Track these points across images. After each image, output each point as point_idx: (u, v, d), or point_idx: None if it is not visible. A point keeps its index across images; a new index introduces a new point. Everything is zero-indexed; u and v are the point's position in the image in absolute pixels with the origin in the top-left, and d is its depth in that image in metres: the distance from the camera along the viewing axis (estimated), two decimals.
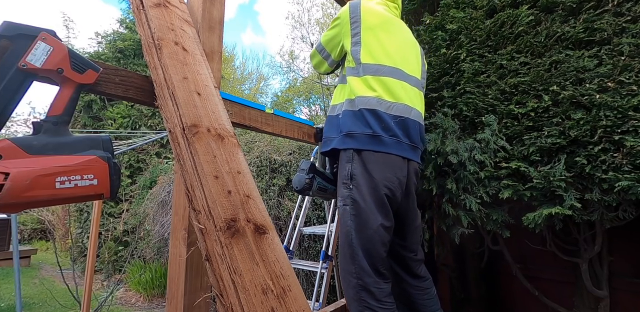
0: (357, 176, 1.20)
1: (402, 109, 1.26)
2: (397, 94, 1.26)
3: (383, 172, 1.20)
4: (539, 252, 1.81)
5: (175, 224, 0.98)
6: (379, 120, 1.22)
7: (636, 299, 1.65)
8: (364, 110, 1.22)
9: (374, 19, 1.32)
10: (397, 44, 1.34)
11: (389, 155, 1.22)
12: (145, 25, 0.93)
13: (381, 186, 1.19)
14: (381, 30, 1.32)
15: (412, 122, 1.28)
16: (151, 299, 4.32)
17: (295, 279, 0.73)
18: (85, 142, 0.75)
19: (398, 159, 1.23)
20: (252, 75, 14.30)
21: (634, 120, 1.16)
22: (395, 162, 1.23)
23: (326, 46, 1.45)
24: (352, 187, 1.21)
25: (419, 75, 1.41)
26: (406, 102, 1.28)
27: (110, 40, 6.39)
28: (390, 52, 1.30)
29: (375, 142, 1.21)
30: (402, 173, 1.24)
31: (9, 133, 7.79)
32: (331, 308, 1.82)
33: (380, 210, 1.19)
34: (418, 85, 1.38)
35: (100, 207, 2.99)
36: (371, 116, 1.22)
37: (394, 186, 1.21)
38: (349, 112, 1.26)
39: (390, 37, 1.33)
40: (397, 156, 1.23)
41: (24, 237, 8.84)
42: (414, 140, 1.29)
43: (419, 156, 1.35)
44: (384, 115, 1.22)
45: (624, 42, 1.23)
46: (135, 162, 5.93)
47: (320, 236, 2.94)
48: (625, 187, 1.14)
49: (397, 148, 1.23)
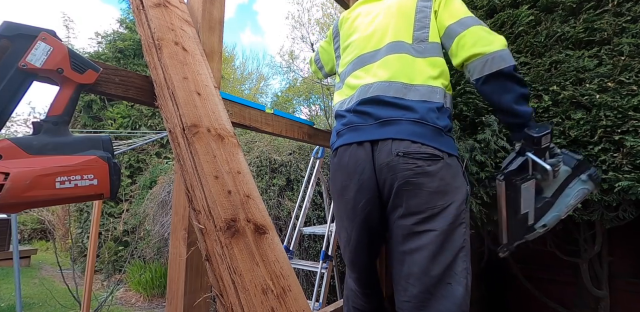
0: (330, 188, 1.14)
1: (361, 92, 1.04)
2: (355, 84, 1.08)
3: (339, 180, 1.02)
4: (539, 252, 1.81)
5: (175, 224, 0.98)
6: (340, 118, 1.09)
7: (636, 299, 1.65)
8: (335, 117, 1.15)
9: (346, 27, 1.27)
10: (364, 28, 1.16)
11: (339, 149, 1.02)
12: (145, 25, 0.93)
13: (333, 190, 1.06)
14: (350, 31, 1.22)
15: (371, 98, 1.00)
16: (151, 299, 4.32)
17: (295, 279, 0.73)
18: (85, 142, 0.75)
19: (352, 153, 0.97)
20: (252, 75, 14.31)
21: (634, 120, 1.16)
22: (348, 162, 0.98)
23: (321, 58, 1.45)
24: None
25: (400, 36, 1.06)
26: (367, 81, 1.04)
27: (110, 40, 6.39)
28: (355, 45, 1.15)
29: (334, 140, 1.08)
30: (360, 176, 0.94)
31: (9, 133, 7.80)
32: (331, 308, 1.82)
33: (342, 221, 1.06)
34: (394, 50, 1.05)
35: (100, 207, 2.99)
36: (337, 119, 1.12)
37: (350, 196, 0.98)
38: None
39: (358, 28, 1.19)
40: (350, 144, 0.97)
41: (24, 237, 8.85)
42: (384, 115, 0.95)
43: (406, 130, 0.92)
44: (342, 112, 1.08)
45: (624, 42, 1.23)
46: (135, 162, 5.93)
47: (320, 236, 2.94)
48: (625, 187, 1.14)
49: (351, 135, 0.99)
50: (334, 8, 10.33)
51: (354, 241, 1.03)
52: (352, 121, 1.01)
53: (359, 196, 0.96)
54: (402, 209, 0.91)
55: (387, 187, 0.93)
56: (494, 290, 2.29)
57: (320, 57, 1.46)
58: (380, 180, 0.94)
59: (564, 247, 1.68)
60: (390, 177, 0.91)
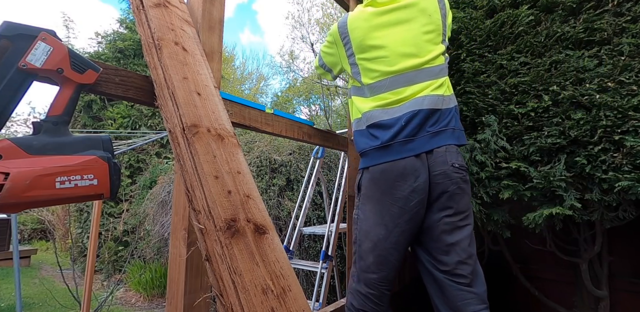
0: (363, 186, 1.19)
1: (410, 106, 1.16)
2: (402, 98, 1.18)
3: (387, 182, 1.13)
4: (539, 252, 1.81)
5: (175, 224, 0.98)
6: (385, 128, 1.16)
7: (636, 299, 1.65)
8: (370, 125, 1.20)
9: (360, 33, 1.24)
10: (394, 39, 1.21)
11: (395, 162, 1.13)
12: (145, 25, 0.93)
13: (375, 189, 1.15)
14: (371, 40, 1.22)
15: (426, 111, 1.15)
16: (151, 299, 4.32)
17: (295, 279, 0.73)
18: (85, 142, 0.75)
19: (409, 162, 1.12)
20: (252, 75, 14.31)
21: (634, 120, 1.16)
22: (405, 168, 1.12)
23: (326, 63, 1.44)
24: (360, 198, 1.20)
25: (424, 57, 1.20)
26: (415, 95, 1.17)
27: (110, 40, 6.39)
28: (389, 58, 1.20)
29: (383, 153, 1.15)
30: (417, 179, 1.11)
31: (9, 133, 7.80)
32: (331, 308, 1.82)
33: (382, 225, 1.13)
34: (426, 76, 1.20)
35: (100, 207, 2.99)
36: (377, 128, 1.18)
37: (403, 195, 1.11)
38: (358, 132, 1.25)
39: (384, 38, 1.22)
40: (408, 157, 1.12)
41: (24, 237, 8.85)
42: (435, 126, 1.15)
43: (450, 137, 1.16)
44: (388, 122, 1.16)
45: (624, 42, 1.23)
46: (135, 162, 5.93)
47: (320, 236, 2.94)
48: (625, 187, 1.14)
49: (407, 149, 1.13)
50: (334, 8, 10.33)
51: (394, 237, 1.12)
52: (406, 134, 1.13)
53: (414, 195, 1.11)
54: (452, 209, 1.12)
55: (438, 191, 1.12)
56: (493, 290, 2.29)
57: (325, 63, 1.45)
58: (432, 184, 1.12)
59: (564, 247, 1.68)
60: (446, 182, 1.12)
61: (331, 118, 8.37)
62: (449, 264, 1.10)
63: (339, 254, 3.09)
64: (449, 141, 1.16)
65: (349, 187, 1.99)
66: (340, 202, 2.34)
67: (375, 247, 1.14)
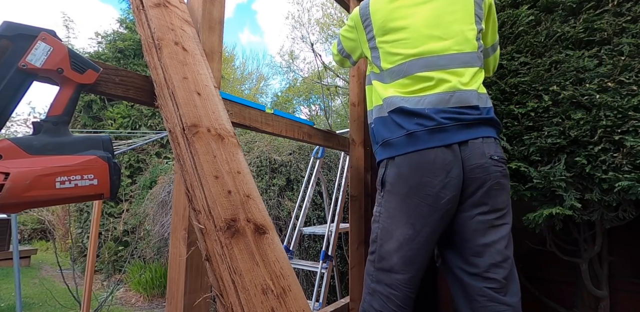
0: (388, 182, 1.08)
1: (433, 102, 1.05)
2: (424, 87, 1.07)
3: (416, 177, 1.01)
4: (539, 252, 1.81)
5: (175, 224, 0.98)
6: (411, 115, 1.03)
7: (636, 299, 1.65)
8: (393, 111, 1.08)
9: (381, 14, 1.16)
10: (417, 19, 1.11)
11: (424, 151, 1.00)
12: (145, 25, 0.93)
13: (415, 194, 1.02)
14: (393, 21, 1.13)
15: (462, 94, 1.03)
16: (151, 299, 4.32)
17: (295, 279, 0.73)
18: (85, 142, 0.75)
19: (439, 153, 1.00)
20: (252, 75, 14.31)
21: (634, 120, 1.16)
22: (435, 161, 0.99)
23: (345, 48, 1.36)
24: (382, 194, 1.09)
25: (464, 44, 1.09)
26: (438, 90, 1.06)
27: (110, 40, 6.39)
28: (410, 39, 1.10)
29: (410, 141, 1.03)
30: (448, 173, 0.99)
31: (9, 133, 7.80)
32: (331, 308, 1.82)
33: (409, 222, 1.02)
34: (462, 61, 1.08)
35: (100, 207, 2.99)
36: (401, 114, 1.05)
37: (433, 191, 1.00)
38: (379, 120, 1.14)
39: (406, 19, 1.12)
40: (438, 147, 1.00)
41: (24, 237, 8.84)
42: (468, 116, 1.02)
43: (487, 128, 1.05)
44: (416, 109, 1.03)
45: (624, 42, 1.23)
46: (135, 162, 5.93)
47: (320, 236, 2.94)
48: (625, 187, 1.14)
49: (436, 138, 1.00)
50: (334, 8, 10.33)
51: (422, 237, 1.02)
52: (437, 121, 1.01)
53: (445, 192, 1.00)
54: (487, 206, 1.01)
55: (474, 186, 1.01)
56: None
57: (344, 48, 1.37)
58: (467, 179, 1.01)
59: (564, 247, 1.68)
60: (483, 177, 1.01)
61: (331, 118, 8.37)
62: (481, 267, 0.99)
63: (339, 254, 3.09)
64: (486, 133, 1.04)
65: (350, 187, 1.99)
66: (340, 202, 2.34)
67: (400, 247, 1.03)
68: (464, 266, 1.04)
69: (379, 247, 1.08)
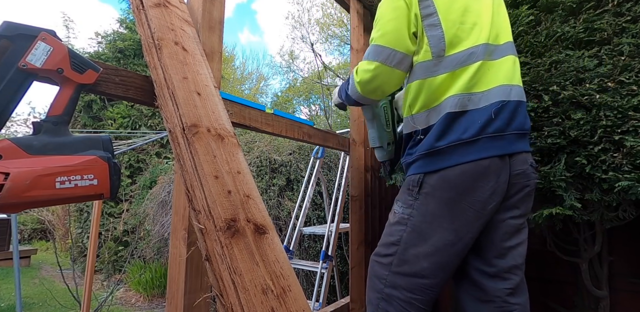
0: (428, 184, 0.99)
1: (497, 94, 0.97)
2: (487, 79, 0.98)
3: (466, 183, 0.96)
4: (539, 252, 1.81)
5: (175, 224, 0.98)
6: (470, 119, 0.96)
7: (636, 299, 1.65)
8: (448, 115, 0.97)
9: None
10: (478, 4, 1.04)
11: (480, 162, 0.95)
12: (145, 25, 0.93)
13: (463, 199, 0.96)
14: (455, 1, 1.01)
15: (514, 104, 0.99)
16: (151, 299, 4.32)
17: (295, 279, 0.73)
18: (85, 142, 0.75)
19: (494, 161, 0.95)
20: (252, 75, 14.31)
21: (634, 120, 1.16)
22: (488, 168, 0.95)
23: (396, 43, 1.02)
24: (417, 196, 1.01)
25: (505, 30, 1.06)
26: (500, 82, 0.99)
27: (110, 40, 6.39)
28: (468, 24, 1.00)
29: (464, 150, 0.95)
30: (499, 179, 0.96)
31: (9, 133, 7.80)
32: (331, 308, 1.82)
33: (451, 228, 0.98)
34: (509, 50, 1.05)
35: (100, 207, 2.99)
36: (459, 119, 0.96)
37: (483, 197, 0.96)
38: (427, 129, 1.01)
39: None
40: (492, 157, 0.95)
41: (24, 237, 8.85)
42: (519, 125, 0.99)
43: (527, 142, 1.04)
44: (474, 112, 0.96)
45: (624, 42, 1.23)
46: (135, 162, 5.93)
47: (320, 236, 2.94)
48: (625, 187, 1.14)
49: (495, 146, 0.95)
50: (334, 8, 10.33)
51: (463, 243, 0.98)
52: (495, 129, 0.95)
53: (494, 198, 0.97)
54: (519, 210, 1.03)
55: (513, 191, 1.01)
56: None
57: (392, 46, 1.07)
58: (510, 185, 1.00)
59: (563, 247, 1.68)
60: (523, 182, 1.02)
61: (331, 118, 8.37)
62: (502, 268, 1.00)
63: (339, 254, 3.09)
64: (527, 147, 1.04)
65: (351, 187, 1.99)
66: (340, 202, 2.34)
67: (436, 252, 0.98)
68: (483, 267, 1.02)
69: (402, 251, 1.02)
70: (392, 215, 1.09)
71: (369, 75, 1.06)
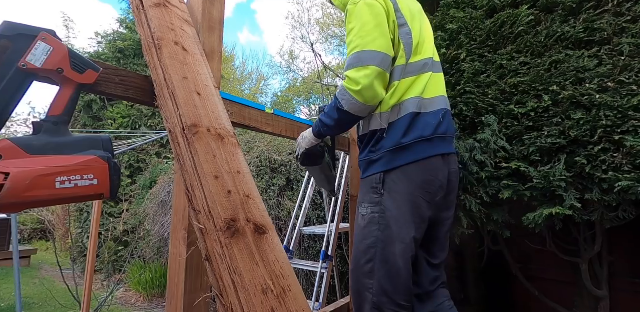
0: (390, 180, 1.06)
1: (440, 102, 1.14)
2: (434, 88, 1.14)
3: (422, 176, 1.06)
4: (539, 252, 1.81)
5: (175, 224, 0.98)
6: (429, 120, 1.09)
7: (636, 299, 1.65)
8: (414, 114, 1.07)
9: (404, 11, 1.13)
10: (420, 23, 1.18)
11: (432, 158, 1.07)
12: (145, 25, 0.93)
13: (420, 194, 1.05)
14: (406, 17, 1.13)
15: (449, 112, 1.19)
16: (151, 299, 4.32)
17: (295, 279, 0.73)
18: (85, 142, 0.75)
19: (438, 159, 1.09)
20: (252, 75, 14.31)
21: (634, 120, 1.16)
22: (436, 164, 1.08)
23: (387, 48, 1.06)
24: (382, 192, 1.06)
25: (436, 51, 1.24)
26: (440, 93, 1.16)
27: (110, 40, 6.39)
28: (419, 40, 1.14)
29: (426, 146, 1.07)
30: (443, 174, 1.10)
31: (9, 133, 7.80)
32: (331, 308, 1.82)
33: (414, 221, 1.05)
34: (440, 67, 1.24)
35: (100, 207, 2.98)
36: (422, 118, 1.08)
37: (433, 189, 1.07)
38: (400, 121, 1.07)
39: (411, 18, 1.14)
40: (442, 155, 1.10)
41: (24, 237, 8.84)
42: (453, 130, 1.18)
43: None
44: (427, 117, 1.09)
45: (624, 42, 1.23)
46: (135, 162, 5.92)
47: (320, 236, 2.94)
48: (625, 187, 1.14)
49: (444, 146, 1.11)
50: (333, 8, 10.31)
51: (421, 234, 1.09)
52: (439, 132, 1.10)
53: (440, 191, 1.11)
54: (454, 207, 1.20)
55: (450, 189, 1.15)
56: (494, 290, 2.29)
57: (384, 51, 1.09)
58: (448, 181, 1.14)
59: (564, 247, 1.68)
60: (455, 181, 1.18)
61: None
62: (441, 259, 1.17)
63: (339, 254, 3.09)
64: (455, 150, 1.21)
65: (351, 187, 1.99)
66: (340, 202, 2.34)
67: (407, 249, 1.02)
68: (429, 259, 1.16)
69: (381, 251, 1.03)
70: (361, 218, 1.11)
71: (368, 80, 1.02)
